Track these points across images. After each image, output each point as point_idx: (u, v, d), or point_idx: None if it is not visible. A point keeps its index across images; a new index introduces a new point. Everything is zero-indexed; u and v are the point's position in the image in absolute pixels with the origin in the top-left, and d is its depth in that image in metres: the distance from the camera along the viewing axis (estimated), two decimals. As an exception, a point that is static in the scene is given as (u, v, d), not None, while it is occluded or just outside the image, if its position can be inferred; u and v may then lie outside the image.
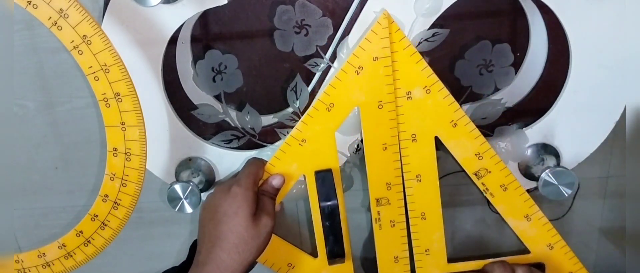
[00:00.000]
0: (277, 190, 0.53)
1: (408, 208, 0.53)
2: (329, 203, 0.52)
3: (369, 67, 0.48)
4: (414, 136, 0.51)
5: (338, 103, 0.50)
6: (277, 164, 0.53)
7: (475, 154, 0.51)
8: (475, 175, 0.52)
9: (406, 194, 0.53)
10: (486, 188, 0.52)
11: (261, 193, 0.52)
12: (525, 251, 0.55)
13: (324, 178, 0.52)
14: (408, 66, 0.48)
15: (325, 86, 0.52)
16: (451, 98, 0.49)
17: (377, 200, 0.53)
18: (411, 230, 0.54)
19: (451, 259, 0.56)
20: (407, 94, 0.49)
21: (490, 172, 0.52)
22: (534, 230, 0.53)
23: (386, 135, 0.51)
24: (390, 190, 0.53)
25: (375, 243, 0.55)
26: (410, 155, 0.51)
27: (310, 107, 0.51)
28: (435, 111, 0.49)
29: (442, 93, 0.49)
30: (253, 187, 0.50)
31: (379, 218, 0.54)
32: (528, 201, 0.52)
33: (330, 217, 0.52)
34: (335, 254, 0.54)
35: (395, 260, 0.56)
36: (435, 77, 0.49)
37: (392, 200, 0.53)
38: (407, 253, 0.55)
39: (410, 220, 0.54)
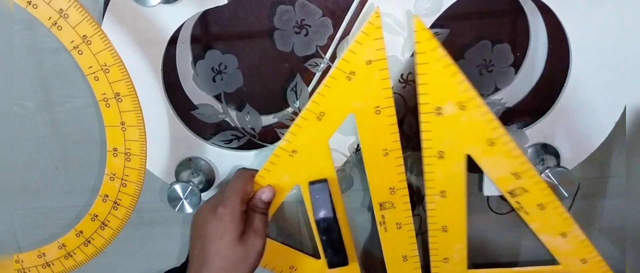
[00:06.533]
0: (268, 204, 0.51)
1: (428, 221, 0.51)
2: (323, 217, 0.49)
3: (362, 71, 0.44)
4: (441, 153, 0.47)
5: (329, 111, 0.47)
6: (267, 176, 0.51)
7: (513, 174, 0.47)
8: (510, 193, 0.48)
9: (427, 208, 0.50)
10: (521, 206, 0.49)
11: (251, 209, 0.50)
12: (553, 261, 0.53)
13: (318, 190, 0.50)
14: (441, 78, 0.43)
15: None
16: (490, 115, 0.44)
17: (381, 205, 0.51)
18: (430, 240, 0.52)
19: (472, 265, 0.55)
20: (437, 109, 0.44)
21: (527, 191, 0.48)
22: (569, 246, 0.51)
23: (386, 141, 0.48)
24: (394, 194, 0.50)
25: (382, 244, 0.54)
26: (434, 172, 0.48)
27: (298, 117, 0.48)
28: (470, 129, 0.45)
29: (480, 110, 0.44)
30: (240, 206, 0.48)
31: (384, 222, 0.52)
32: (567, 220, 0.49)
33: (327, 231, 0.50)
34: (335, 264, 0.52)
35: (404, 259, 0.54)
36: (473, 92, 0.43)
37: (397, 203, 0.51)
38: (416, 252, 0.53)
39: (429, 231, 0.51)
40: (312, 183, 0.50)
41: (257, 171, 0.51)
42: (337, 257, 0.52)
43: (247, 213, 0.50)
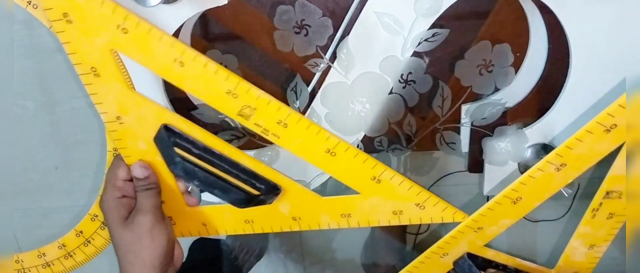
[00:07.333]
0: (145, 179, 0.49)
1: (509, 188, 0.49)
2: (172, 169, 0.45)
3: (72, 8, 0.41)
4: None
5: (91, 61, 0.43)
6: (129, 153, 0.48)
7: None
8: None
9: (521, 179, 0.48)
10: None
11: (137, 190, 0.49)
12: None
13: (159, 139, 0.44)
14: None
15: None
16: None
17: (240, 114, 0.45)
18: (489, 205, 0.50)
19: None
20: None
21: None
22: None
23: (169, 50, 0.44)
24: (237, 97, 0.44)
25: (288, 149, 0.46)
26: None
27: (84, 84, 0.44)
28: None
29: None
30: (113, 194, 0.48)
31: (266, 130, 0.44)
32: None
33: (193, 175, 0.44)
34: (245, 202, 0.46)
35: (331, 154, 0.47)
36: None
37: (257, 104, 0.43)
38: (345, 144, 0.47)
39: (498, 196, 0.49)
40: (155, 137, 0.45)
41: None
42: (233, 193, 0.45)
43: (124, 199, 0.48)
